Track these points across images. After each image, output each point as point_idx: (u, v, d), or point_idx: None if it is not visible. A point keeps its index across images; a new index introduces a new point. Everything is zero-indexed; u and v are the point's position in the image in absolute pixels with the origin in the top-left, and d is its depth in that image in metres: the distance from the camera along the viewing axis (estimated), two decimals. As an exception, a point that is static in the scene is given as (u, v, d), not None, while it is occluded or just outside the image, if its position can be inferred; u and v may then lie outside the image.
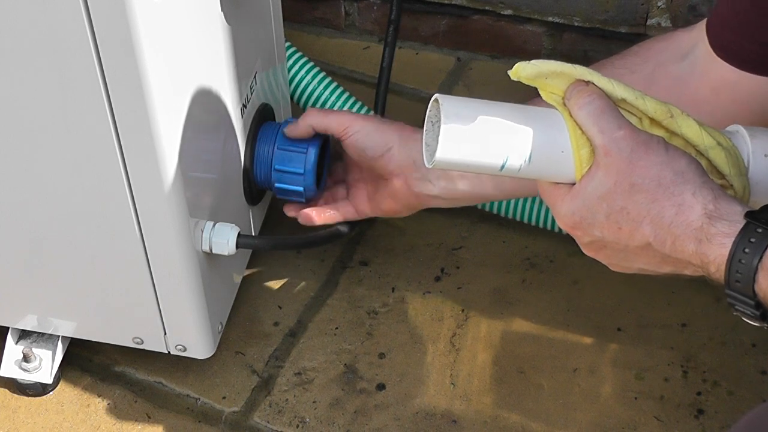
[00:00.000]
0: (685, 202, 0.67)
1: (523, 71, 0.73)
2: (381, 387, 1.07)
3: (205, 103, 0.91)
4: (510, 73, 0.73)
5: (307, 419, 1.04)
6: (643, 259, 0.71)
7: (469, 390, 1.06)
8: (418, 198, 1.01)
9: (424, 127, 0.75)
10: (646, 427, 1.02)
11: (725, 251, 0.65)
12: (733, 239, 0.65)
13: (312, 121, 1.02)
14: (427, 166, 0.73)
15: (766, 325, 0.66)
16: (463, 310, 1.14)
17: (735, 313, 0.67)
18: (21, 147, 0.85)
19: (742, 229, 0.65)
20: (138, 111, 0.79)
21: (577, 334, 1.11)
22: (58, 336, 1.05)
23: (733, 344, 1.09)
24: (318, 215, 1.06)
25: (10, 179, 0.88)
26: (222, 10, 0.91)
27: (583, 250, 0.76)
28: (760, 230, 0.64)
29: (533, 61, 0.73)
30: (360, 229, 1.23)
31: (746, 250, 0.64)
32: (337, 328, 1.12)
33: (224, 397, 1.06)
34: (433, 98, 0.73)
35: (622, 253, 0.72)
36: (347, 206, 1.06)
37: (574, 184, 0.73)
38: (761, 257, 0.63)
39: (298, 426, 1.03)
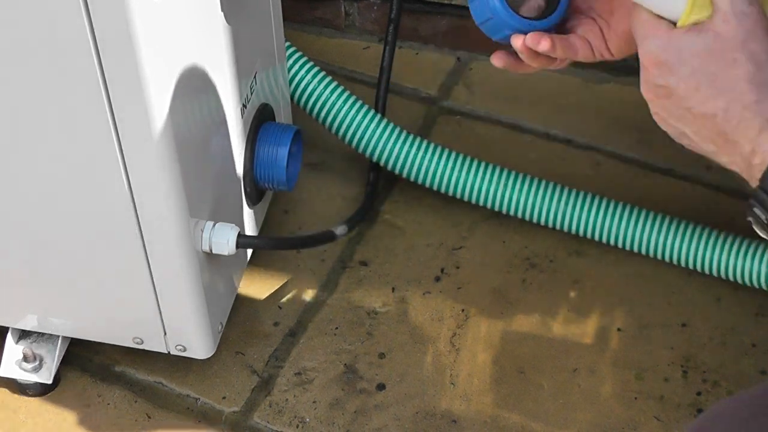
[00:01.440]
0: (763, 59, 0.68)
1: None
2: (381, 387, 1.07)
3: (205, 103, 0.91)
4: None
5: (307, 419, 1.04)
6: (698, 127, 0.72)
7: (469, 390, 1.06)
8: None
9: None
10: (646, 427, 1.02)
11: None
12: None
13: None
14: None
15: None
16: (463, 310, 1.13)
17: (748, 218, 0.69)
18: (21, 147, 0.85)
19: None
20: (138, 111, 0.79)
21: (577, 334, 1.11)
22: (58, 336, 1.05)
23: (733, 344, 1.09)
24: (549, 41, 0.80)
25: (10, 179, 0.88)
26: (222, 10, 0.91)
27: (643, 88, 0.75)
28: None
29: None
30: (360, 229, 1.23)
31: None
32: (337, 328, 1.12)
33: (224, 397, 1.06)
34: None
35: (681, 111, 0.72)
36: (581, 41, 0.83)
37: (674, 23, 0.71)
38: None
39: (298, 426, 1.03)
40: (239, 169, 1.04)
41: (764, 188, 0.67)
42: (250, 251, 1.13)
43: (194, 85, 0.88)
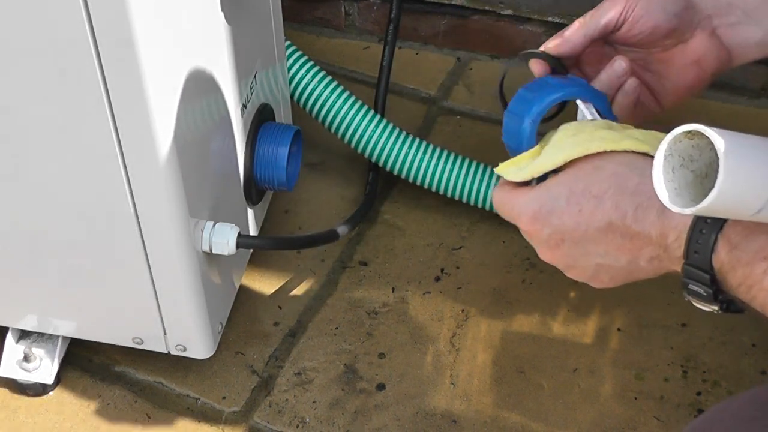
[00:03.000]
0: (646, 173, 0.66)
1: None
2: (381, 387, 1.07)
3: (205, 103, 0.91)
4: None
5: (307, 419, 1.04)
6: (602, 246, 0.69)
7: (469, 390, 1.06)
8: (732, 53, 0.80)
9: (661, 154, 0.64)
10: (646, 427, 1.02)
11: (687, 219, 0.64)
12: None
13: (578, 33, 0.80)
14: (670, 207, 0.62)
15: (716, 308, 0.65)
16: (463, 310, 1.14)
17: (686, 297, 0.66)
18: (21, 147, 0.85)
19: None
20: (138, 111, 0.79)
21: (577, 334, 1.11)
22: (58, 336, 1.05)
23: (733, 344, 1.09)
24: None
25: (10, 179, 0.88)
26: (222, 10, 0.91)
27: (540, 253, 0.74)
28: None
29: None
30: (360, 229, 1.23)
31: (708, 220, 0.63)
32: (337, 328, 1.12)
33: (224, 397, 1.06)
34: (687, 129, 0.63)
35: (580, 244, 0.70)
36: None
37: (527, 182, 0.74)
38: (722, 227, 0.62)
39: (298, 426, 1.03)
40: (239, 169, 1.04)
41: (691, 263, 0.64)
42: (250, 251, 1.13)
43: (194, 85, 0.88)
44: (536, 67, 0.81)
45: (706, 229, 0.63)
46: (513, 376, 1.07)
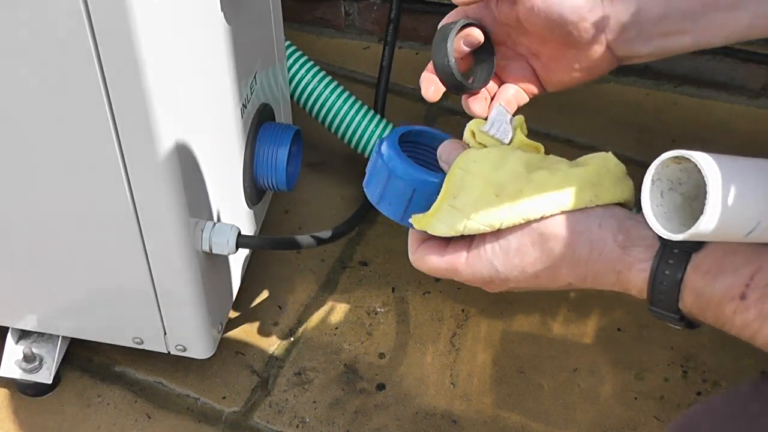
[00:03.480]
0: (595, 237, 0.68)
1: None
2: (381, 387, 1.07)
3: (205, 103, 0.91)
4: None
5: (307, 419, 1.04)
6: (562, 286, 0.71)
7: (469, 390, 1.06)
8: (620, 62, 0.81)
9: (648, 179, 0.64)
10: (646, 427, 1.02)
11: (645, 275, 0.66)
12: (650, 264, 0.65)
13: None
14: (658, 232, 0.63)
15: (681, 326, 0.68)
16: (463, 310, 1.13)
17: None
18: (21, 147, 0.85)
19: (657, 252, 0.65)
20: (138, 111, 0.79)
21: (577, 334, 1.11)
22: (58, 336, 1.05)
23: (733, 344, 1.09)
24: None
25: (10, 179, 0.88)
26: (222, 10, 0.91)
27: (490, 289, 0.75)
28: (676, 251, 0.64)
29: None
30: (360, 229, 1.23)
31: (666, 272, 0.64)
32: (337, 328, 1.12)
33: (224, 397, 1.06)
34: (673, 154, 0.62)
35: (541, 288, 0.72)
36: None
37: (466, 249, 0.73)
38: (682, 277, 0.63)
39: (298, 426, 1.03)
40: (239, 170, 1.04)
41: (658, 309, 0.67)
42: (250, 251, 1.13)
43: (194, 85, 0.88)
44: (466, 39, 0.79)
45: (666, 281, 0.64)
46: (513, 376, 1.07)
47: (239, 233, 0.96)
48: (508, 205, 0.68)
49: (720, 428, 0.66)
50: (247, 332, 1.12)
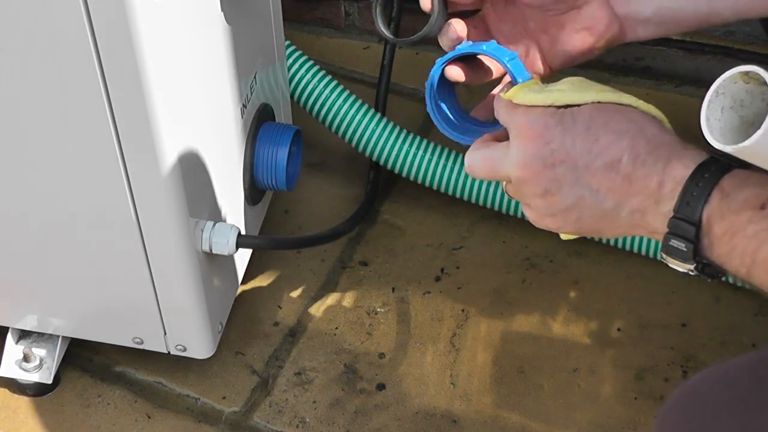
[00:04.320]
0: (665, 128, 0.71)
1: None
2: (381, 387, 1.07)
3: (205, 103, 0.91)
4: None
5: (307, 419, 1.04)
6: (596, 180, 0.69)
7: (469, 390, 1.06)
8: (622, 25, 0.82)
9: (714, 89, 0.65)
10: (646, 427, 1.02)
11: (688, 172, 0.65)
12: (693, 168, 0.65)
13: None
14: (709, 139, 0.64)
15: (691, 267, 0.67)
16: (463, 310, 1.13)
17: (663, 257, 0.68)
18: (21, 147, 0.85)
19: (710, 154, 0.65)
20: (138, 111, 0.79)
21: (577, 334, 1.11)
22: (58, 336, 1.05)
23: (733, 344, 1.09)
24: (484, 114, 0.85)
25: (10, 179, 0.88)
26: (222, 10, 0.91)
27: (524, 166, 0.70)
28: (723, 159, 0.65)
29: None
30: (360, 229, 1.23)
31: (705, 175, 0.64)
32: (337, 328, 1.12)
33: (224, 397, 1.06)
34: (744, 69, 0.62)
35: (577, 172, 0.69)
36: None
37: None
38: (718, 180, 0.63)
39: (298, 426, 1.03)
40: (239, 169, 1.04)
41: (680, 215, 0.64)
42: (250, 251, 1.13)
43: (194, 85, 0.88)
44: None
45: (703, 182, 0.64)
46: (513, 376, 1.07)
47: (239, 233, 0.96)
48: (598, 88, 0.71)
49: (726, 392, 0.66)
50: (247, 332, 1.12)
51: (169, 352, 1.02)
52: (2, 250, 0.95)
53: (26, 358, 1.04)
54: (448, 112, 0.80)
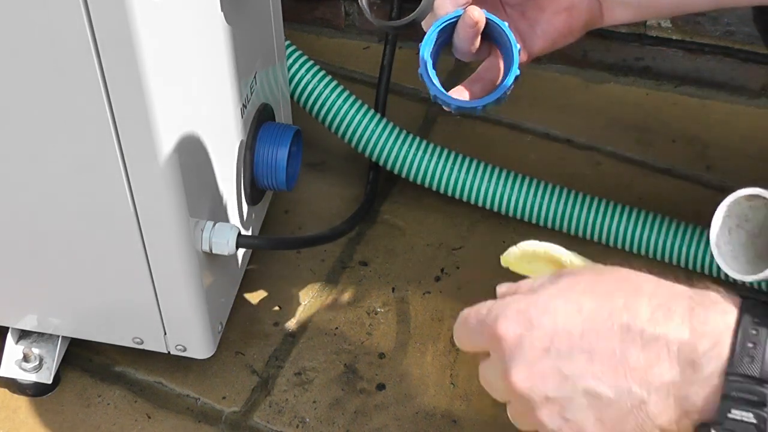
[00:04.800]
0: (662, 281, 0.58)
1: (510, 257, 0.69)
2: (381, 387, 1.07)
3: (205, 103, 0.91)
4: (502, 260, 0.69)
5: (307, 419, 1.04)
6: (597, 361, 0.54)
7: (469, 390, 1.06)
8: (601, 7, 0.79)
9: (718, 219, 0.62)
10: (646, 427, 1.02)
11: (729, 320, 0.51)
12: (738, 308, 0.52)
13: None
14: (729, 273, 0.59)
15: None
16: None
17: None
18: (20, 147, 0.85)
19: (741, 301, 0.53)
20: (138, 111, 0.79)
21: (577, 334, 1.10)
22: (58, 336, 1.05)
23: (733, 344, 1.09)
24: (468, 94, 0.82)
25: (9, 179, 0.88)
26: (222, 10, 0.91)
27: (511, 376, 0.58)
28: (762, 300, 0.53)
29: (520, 244, 0.69)
30: (360, 229, 1.23)
31: (756, 319, 0.50)
32: (337, 328, 1.12)
33: (224, 397, 1.06)
34: (749, 193, 0.61)
35: (571, 356, 0.55)
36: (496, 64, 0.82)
37: None
38: None
39: (298, 426, 1.03)
40: (239, 170, 1.04)
41: (739, 373, 0.49)
42: (250, 251, 1.13)
43: (194, 85, 0.88)
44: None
45: (762, 328, 0.49)
46: (513, 376, 1.07)
47: (239, 233, 0.96)
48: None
49: None
50: (247, 332, 1.12)
51: (169, 352, 1.02)
52: (2, 250, 0.95)
53: (26, 358, 1.04)
54: (435, 79, 0.79)
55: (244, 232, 0.98)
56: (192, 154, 0.88)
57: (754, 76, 1.36)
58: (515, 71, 0.75)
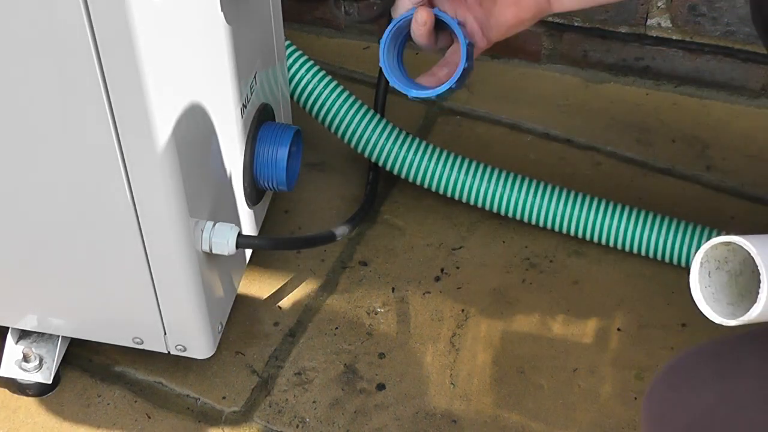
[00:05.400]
0: None
1: None
2: (381, 387, 1.07)
3: (205, 103, 0.91)
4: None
5: (307, 419, 1.04)
6: None
7: (469, 390, 1.06)
8: None
9: (696, 266, 0.63)
10: (646, 427, 1.02)
11: None
12: None
13: None
14: (710, 317, 0.62)
15: None
16: (463, 310, 1.13)
17: None
18: (21, 147, 0.85)
19: None
20: (138, 111, 0.79)
21: (577, 334, 1.11)
22: (58, 336, 1.05)
23: (733, 344, 1.09)
24: (434, 81, 0.89)
25: (10, 179, 0.88)
26: (222, 10, 0.91)
27: None
28: None
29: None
30: (360, 229, 1.23)
31: None
32: (337, 328, 1.12)
33: (224, 397, 1.06)
34: (725, 240, 0.62)
35: None
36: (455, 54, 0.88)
37: None
38: None
39: (298, 426, 1.03)
40: (239, 170, 1.04)
41: None
42: (250, 251, 1.13)
43: (194, 85, 0.88)
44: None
45: None
46: (513, 376, 1.07)
47: (239, 233, 0.96)
48: None
49: (708, 366, 0.66)
50: (247, 332, 1.12)
51: (169, 352, 1.02)
52: (2, 250, 0.95)
53: (26, 358, 1.04)
54: (399, 69, 0.89)
55: (244, 232, 0.98)
56: (192, 154, 0.88)
57: (754, 76, 1.36)
58: (463, 64, 0.82)
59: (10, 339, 1.05)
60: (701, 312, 0.62)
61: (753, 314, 0.58)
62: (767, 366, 0.65)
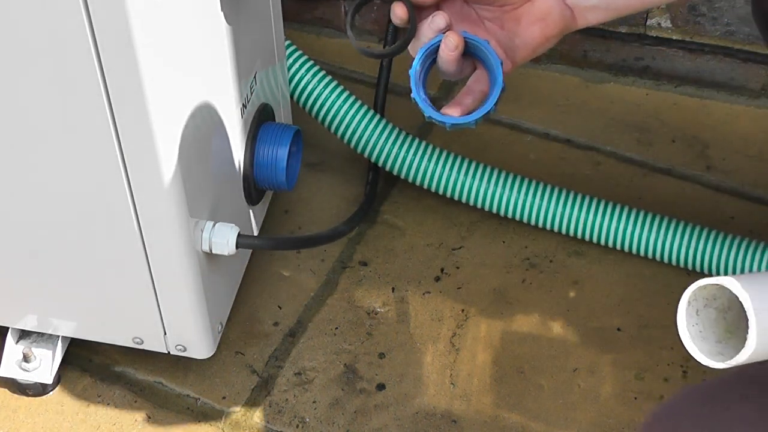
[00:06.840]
0: None
1: None
2: (381, 387, 1.07)
3: (205, 103, 0.91)
4: None
5: (307, 419, 1.04)
6: None
7: (469, 390, 1.06)
8: (573, 13, 0.83)
9: (683, 306, 0.65)
10: (646, 427, 1.02)
11: None
12: None
13: None
14: (698, 358, 0.63)
15: None
16: (463, 310, 1.14)
17: None
18: (21, 147, 0.85)
19: None
20: (138, 111, 0.79)
21: (577, 334, 1.11)
22: (58, 336, 1.05)
23: (733, 344, 1.09)
24: (460, 110, 0.84)
25: (10, 179, 0.88)
26: (222, 10, 0.91)
27: None
28: None
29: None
30: (360, 229, 1.23)
31: None
32: (337, 328, 1.12)
33: (224, 397, 1.06)
34: (713, 282, 0.63)
35: None
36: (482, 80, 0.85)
37: None
38: None
39: (298, 426, 1.03)
40: (239, 169, 1.04)
41: None
42: (250, 251, 1.13)
43: (194, 85, 0.88)
44: (398, 10, 0.81)
45: None
46: (513, 376, 1.07)
47: (239, 233, 0.96)
48: None
49: (702, 409, 0.66)
50: (247, 332, 1.12)
51: (169, 352, 1.02)
52: (2, 250, 0.95)
53: (26, 358, 1.04)
54: (429, 98, 0.83)
55: (244, 232, 0.98)
56: (192, 154, 0.88)
57: (754, 76, 1.36)
58: (500, 84, 0.79)
59: (10, 339, 1.05)
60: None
61: (741, 359, 0.59)
62: (756, 415, 0.64)
